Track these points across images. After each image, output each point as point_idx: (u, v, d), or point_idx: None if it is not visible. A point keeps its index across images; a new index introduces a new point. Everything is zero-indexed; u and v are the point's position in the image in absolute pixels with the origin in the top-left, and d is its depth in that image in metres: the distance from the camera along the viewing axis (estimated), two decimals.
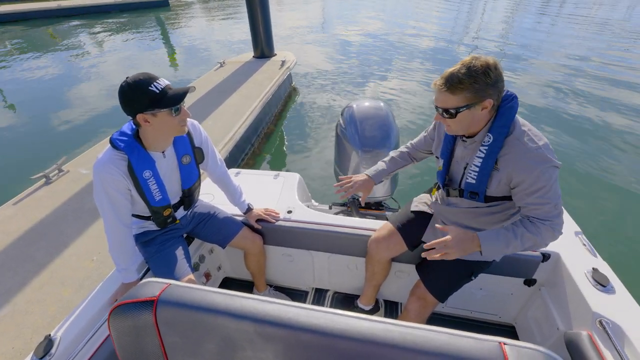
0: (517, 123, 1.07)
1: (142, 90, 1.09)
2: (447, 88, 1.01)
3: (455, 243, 1.08)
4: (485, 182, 1.12)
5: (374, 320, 0.69)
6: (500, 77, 1.00)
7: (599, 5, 20.99)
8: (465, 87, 0.99)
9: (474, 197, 1.17)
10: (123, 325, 0.78)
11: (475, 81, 0.98)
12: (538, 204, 1.05)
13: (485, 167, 1.10)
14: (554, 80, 7.19)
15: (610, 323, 1.14)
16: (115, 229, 1.28)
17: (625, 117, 5.42)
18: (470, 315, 1.81)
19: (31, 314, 1.95)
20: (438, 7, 19.65)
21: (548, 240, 1.07)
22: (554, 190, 1.03)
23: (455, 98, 1.01)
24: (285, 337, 0.70)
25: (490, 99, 1.01)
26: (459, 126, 1.09)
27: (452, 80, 1.00)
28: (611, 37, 11.66)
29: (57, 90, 7.15)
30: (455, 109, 1.03)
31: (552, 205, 1.04)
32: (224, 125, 4.19)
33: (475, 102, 1.01)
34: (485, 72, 0.97)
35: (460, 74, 0.98)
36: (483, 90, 0.99)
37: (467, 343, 0.63)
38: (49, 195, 3.00)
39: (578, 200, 3.52)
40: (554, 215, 1.05)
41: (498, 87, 1.01)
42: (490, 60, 0.99)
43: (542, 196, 1.03)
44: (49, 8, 16.97)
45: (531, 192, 1.04)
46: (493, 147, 1.07)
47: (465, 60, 1.01)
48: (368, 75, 7.55)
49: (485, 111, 1.04)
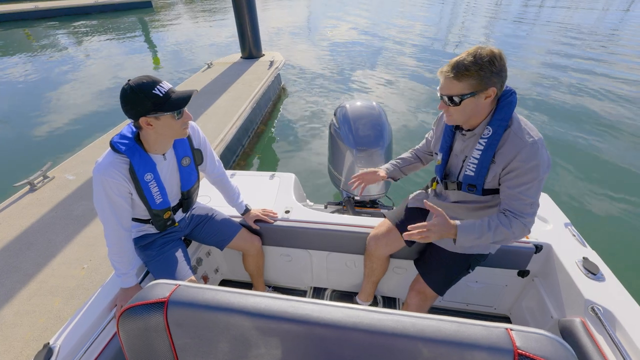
0: (515, 117, 1.10)
1: (145, 93, 1.09)
2: (454, 75, 1.03)
3: (437, 229, 1.10)
4: (484, 174, 1.14)
5: (385, 312, 0.70)
6: (504, 67, 1.03)
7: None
8: (471, 74, 1.01)
9: (472, 189, 1.20)
10: (133, 327, 0.78)
11: (481, 68, 1.00)
12: (518, 198, 1.08)
13: (484, 160, 1.12)
14: (542, 71, 7.38)
15: (602, 309, 1.18)
16: (116, 234, 1.26)
17: (611, 109, 5.61)
18: (466, 307, 1.85)
19: (20, 326, 1.89)
20: (423, 3, 19.91)
21: (518, 236, 1.11)
22: (536, 190, 1.07)
23: (460, 85, 1.03)
24: (298, 331, 0.71)
25: (494, 87, 1.03)
26: (461, 115, 1.10)
27: (458, 67, 1.02)
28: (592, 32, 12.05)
29: (39, 93, 6.92)
30: (460, 95, 1.05)
31: (530, 203, 1.08)
32: (214, 127, 4.14)
33: (479, 90, 1.03)
34: (491, 60, 1.00)
35: (466, 61, 1.01)
36: (488, 78, 1.01)
37: (476, 330, 0.65)
38: (35, 202, 2.90)
39: (566, 192, 3.63)
40: (528, 213, 1.09)
41: (502, 77, 1.03)
42: (495, 50, 1.01)
43: (524, 192, 1.07)
44: (25, 10, 16.38)
45: (517, 184, 1.07)
46: (492, 140, 1.09)
47: (470, 50, 1.03)
48: (356, 73, 7.58)
49: (488, 100, 1.06)
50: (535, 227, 1.61)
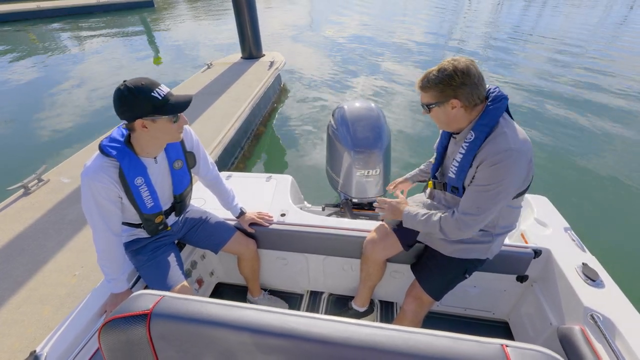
0: (502, 123, 1.09)
1: (144, 95, 1.07)
2: (421, 86, 1.16)
3: (391, 211, 1.37)
4: (462, 177, 1.17)
5: (375, 327, 0.68)
6: (467, 80, 1.07)
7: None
8: (431, 87, 1.12)
9: (455, 191, 1.24)
10: (114, 341, 0.75)
11: (440, 82, 1.09)
12: (468, 196, 1.14)
13: (464, 163, 1.15)
14: (542, 72, 7.27)
15: (601, 317, 1.16)
16: (105, 239, 1.23)
17: (611, 115, 5.50)
18: (464, 312, 1.82)
19: (8, 336, 1.84)
20: (426, 4, 19.76)
21: (448, 233, 1.20)
22: (490, 198, 1.08)
23: (427, 95, 1.15)
24: (285, 347, 0.69)
25: (456, 99, 1.09)
26: (437, 121, 1.20)
27: (423, 80, 1.14)
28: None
29: (36, 95, 6.90)
30: (427, 105, 1.17)
31: (477, 207, 1.11)
32: (212, 128, 4.08)
33: (441, 101, 1.12)
34: (451, 76, 1.07)
35: (431, 75, 1.12)
36: (447, 91, 1.09)
37: (470, 346, 0.63)
38: (28, 206, 2.85)
39: (566, 196, 3.54)
40: (468, 214, 1.13)
41: (465, 90, 1.08)
42: (460, 65, 1.07)
43: (476, 192, 1.11)
44: (27, 10, 16.44)
45: (475, 184, 1.12)
46: (472, 145, 1.12)
47: (443, 62, 1.11)
48: (357, 74, 7.52)
49: (456, 110, 1.12)
50: (534, 231, 1.60)
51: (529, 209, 1.77)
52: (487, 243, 1.28)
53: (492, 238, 1.27)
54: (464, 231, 1.16)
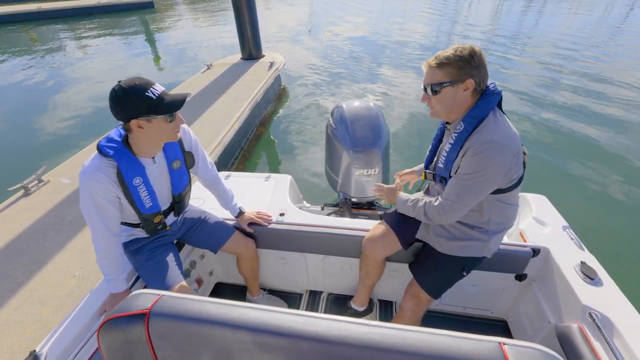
0: (490, 117, 1.11)
1: (138, 95, 1.07)
2: (436, 63, 1.13)
3: (387, 196, 1.48)
4: (449, 167, 1.19)
5: (373, 325, 0.69)
6: (482, 63, 1.09)
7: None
8: (450, 63, 1.10)
9: (443, 182, 1.25)
10: (113, 340, 0.76)
11: (460, 59, 1.09)
12: (450, 183, 1.16)
13: (452, 154, 1.17)
14: (543, 73, 7.26)
15: (600, 315, 1.17)
16: (104, 239, 1.24)
17: (611, 114, 5.49)
18: (463, 311, 1.83)
19: (7, 337, 1.84)
20: (425, 4, 19.75)
21: (432, 219, 1.24)
22: (469, 188, 1.11)
23: (441, 73, 1.12)
24: (283, 345, 0.69)
25: (472, 79, 1.09)
26: (442, 106, 1.16)
27: (440, 57, 1.12)
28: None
29: (37, 95, 6.91)
30: (439, 83, 1.13)
31: (456, 194, 1.14)
32: (212, 129, 4.08)
33: (457, 79, 1.10)
34: (471, 54, 1.08)
35: (448, 52, 1.11)
36: (466, 69, 1.09)
37: (467, 344, 0.63)
38: (28, 207, 2.86)
39: (564, 194, 3.54)
40: (448, 200, 1.16)
41: (480, 72, 1.10)
42: (476, 48, 1.09)
43: (457, 179, 1.13)
44: (29, 11, 16.47)
45: (458, 172, 1.14)
46: (460, 136, 1.14)
47: (455, 45, 1.13)
48: (357, 74, 7.51)
49: (467, 93, 1.11)
50: (533, 230, 1.61)
51: (528, 208, 1.77)
52: (483, 241, 1.27)
53: (488, 236, 1.27)
54: (442, 216, 1.19)
